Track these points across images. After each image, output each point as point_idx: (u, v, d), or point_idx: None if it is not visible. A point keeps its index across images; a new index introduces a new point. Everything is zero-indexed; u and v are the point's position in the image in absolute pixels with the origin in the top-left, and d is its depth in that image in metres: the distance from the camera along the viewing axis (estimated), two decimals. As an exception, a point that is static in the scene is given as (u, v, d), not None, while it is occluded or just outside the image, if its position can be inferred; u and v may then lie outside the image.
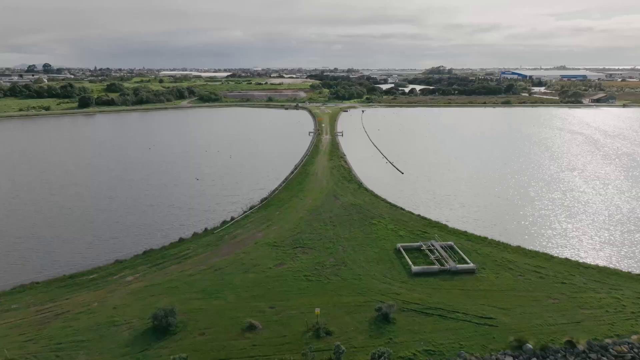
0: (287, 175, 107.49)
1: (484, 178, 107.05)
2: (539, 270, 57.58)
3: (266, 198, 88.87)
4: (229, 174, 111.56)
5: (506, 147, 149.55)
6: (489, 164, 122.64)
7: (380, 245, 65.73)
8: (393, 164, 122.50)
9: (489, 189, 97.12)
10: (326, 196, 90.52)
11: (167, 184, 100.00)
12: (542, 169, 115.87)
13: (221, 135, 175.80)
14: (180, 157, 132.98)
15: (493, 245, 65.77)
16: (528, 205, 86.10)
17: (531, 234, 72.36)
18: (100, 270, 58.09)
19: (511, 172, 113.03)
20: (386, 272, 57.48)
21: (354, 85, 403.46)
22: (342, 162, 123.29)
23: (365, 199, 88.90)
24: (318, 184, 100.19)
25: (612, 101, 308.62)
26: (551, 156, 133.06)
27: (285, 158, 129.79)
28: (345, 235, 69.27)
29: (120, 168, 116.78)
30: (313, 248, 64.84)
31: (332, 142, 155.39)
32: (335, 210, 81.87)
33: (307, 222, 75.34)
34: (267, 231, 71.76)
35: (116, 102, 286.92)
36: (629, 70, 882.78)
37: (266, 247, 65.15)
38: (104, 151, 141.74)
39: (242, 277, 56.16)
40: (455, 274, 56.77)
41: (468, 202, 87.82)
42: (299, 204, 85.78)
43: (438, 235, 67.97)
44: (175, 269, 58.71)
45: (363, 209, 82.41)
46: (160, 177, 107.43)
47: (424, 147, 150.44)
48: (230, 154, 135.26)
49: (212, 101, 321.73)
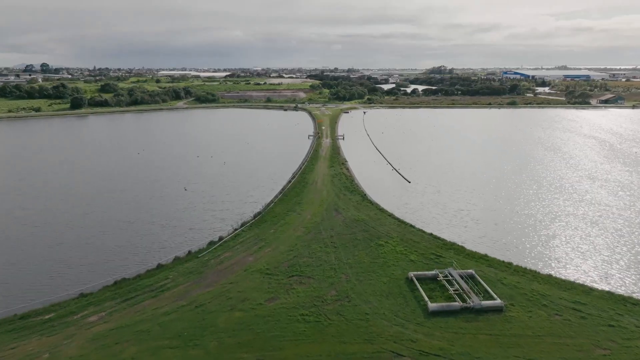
0: (284, 185, 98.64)
1: (498, 189, 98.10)
2: (578, 307, 48.71)
3: (260, 212, 79.99)
4: (221, 182, 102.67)
5: (517, 152, 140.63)
6: (501, 171, 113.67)
7: (390, 273, 56.85)
8: (399, 171, 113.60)
9: (506, 202, 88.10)
10: (326, 210, 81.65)
11: (152, 196, 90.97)
12: (561, 178, 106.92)
13: (216, 139, 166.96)
14: (171, 163, 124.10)
15: (519, 274, 56.87)
16: (552, 222, 77.00)
17: (561, 258, 63.41)
18: (59, 307, 49.17)
19: (527, 181, 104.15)
20: (398, 309, 48.61)
21: (355, 85, 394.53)
22: (344, 169, 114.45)
23: (370, 213, 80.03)
24: (318, 195, 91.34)
25: (620, 102, 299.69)
26: (567, 163, 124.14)
27: (282, 164, 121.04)
28: (349, 260, 60.43)
29: (102, 176, 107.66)
30: (311, 277, 55.99)
31: (333, 146, 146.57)
32: (337, 227, 73.02)
33: (304, 243, 66.49)
34: (259, 254, 62.91)
35: (110, 103, 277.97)
36: (631, 70, 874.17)
37: (257, 276, 56.29)
38: (88, 156, 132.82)
39: (227, 316, 47.30)
40: (480, 312, 47.91)
41: (484, 219, 78.88)
42: (297, 219, 76.92)
43: (455, 262, 59.06)
44: (149, 305, 49.83)
45: (368, 226, 73.54)
46: (145, 187, 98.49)
47: (429, 151, 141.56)
48: (225, 160, 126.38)
49: (209, 102, 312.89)
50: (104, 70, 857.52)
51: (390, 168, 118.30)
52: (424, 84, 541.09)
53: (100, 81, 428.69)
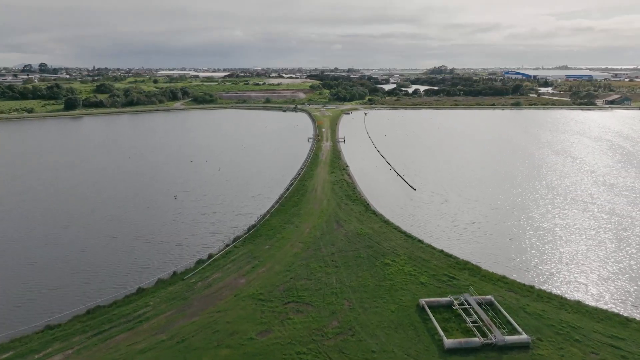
0: (282, 194, 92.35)
1: (509, 198, 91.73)
2: (616, 343, 42.45)
3: (254, 225, 73.66)
4: (214, 190, 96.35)
5: (527, 156, 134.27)
6: (512, 178, 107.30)
7: (398, 299, 50.56)
8: (404, 177, 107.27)
9: (520, 214, 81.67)
10: (327, 222, 75.38)
11: (138, 205, 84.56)
12: (576, 186, 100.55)
13: (212, 141, 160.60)
14: (162, 168, 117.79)
15: (544, 300, 50.53)
16: (573, 237, 70.42)
17: (588, 281, 57.05)
18: (20, 343, 42.85)
19: (541, 189, 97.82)
20: (409, 345, 42.36)
21: (356, 85, 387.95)
22: (345, 175, 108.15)
23: (374, 226, 73.74)
24: (317, 204, 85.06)
25: (627, 102, 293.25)
26: (581, 169, 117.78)
27: (280, 170, 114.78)
28: (352, 283, 54.16)
29: (87, 184, 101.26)
30: (310, 303, 49.72)
31: (334, 150, 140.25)
32: (338, 242, 66.76)
33: (302, 262, 60.22)
34: (252, 275, 56.64)
35: (105, 104, 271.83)
36: (633, 70, 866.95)
37: (249, 302, 50.01)
38: (75, 161, 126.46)
39: (212, 354, 41.07)
40: (504, 349, 41.67)
41: (497, 233, 72.51)
42: (294, 233, 70.66)
43: (472, 285, 52.76)
44: (123, 340, 43.55)
45: (372, 241, 67.28)
46: (133, 195, 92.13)
47: (434, 155, 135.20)
48: (220, 166, 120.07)
49: (206, 102, 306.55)
50: (103, 70, 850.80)
51: (394, 174, 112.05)
52: (425, 84, 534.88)
53: (97, 81, 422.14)
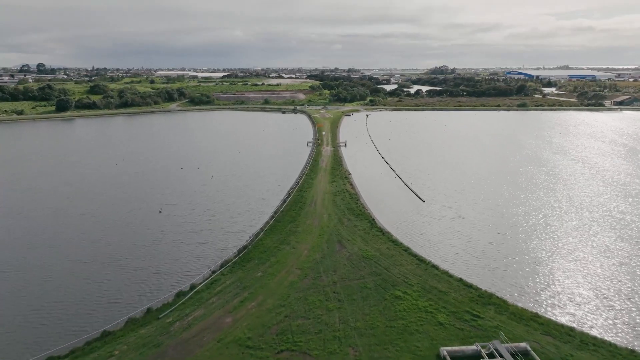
0: (278, 207, 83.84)
1: (530, 212, 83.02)
2: (689, 412, 33.96)
3: (246, 247, 65.18)
4: (204, 202, 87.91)
5: (541, 163, 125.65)
6: (528, 189, 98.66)
7: (413, 346, 42.07)
8: (411, 187, 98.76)
9: (543, 233, 72.70)
10: (328, 242, 66.91)
11: (117, 221, 75.76)
12: (601, 199, 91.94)
13: (206, 146, 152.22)
14: (151, 175, 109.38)
15: (590, 347, 41.99)
16: (613, 268, 60.61)
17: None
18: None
19: (564, 202, 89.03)
20: (431, 416, 33.87)
21: (356, 86, 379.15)
22: (347, 184, 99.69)
23: (381, 247, 65.26)
24: (317, 219, 76.59)
25: (637, 104, 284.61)
26: (602, 178, 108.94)
27: (277, 178, 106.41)
28: (358, 323, 45.66)
29: (64, 194, 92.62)
30: (308, 352, 41.26)
31: (334, 155, 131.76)
32: (341, 268, 58.30)
33: (300, 294, 51.74)
34: (240, 312, 48.14)
35: (98, 105, 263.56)
36: (635, 70, 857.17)
37: (234, 350, 41.56)
38: (57, 168, 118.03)
39: None
40: (550, 422, 33.21)
41: (520, 256, 63.83)
42: (291, 256, 62.21)
43: (501, 330, 44.20)
44: (75, 406, 35.11)
45: (380, 266, 58.82)
46: (113, 209, 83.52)
47: (442, 162, 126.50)
48: (212, 173, 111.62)
49: (203, 104, 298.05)
50: (102, 70, 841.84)
51: (400, 182, 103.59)
52: (426, 84, 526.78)
53: (93, 82, 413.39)
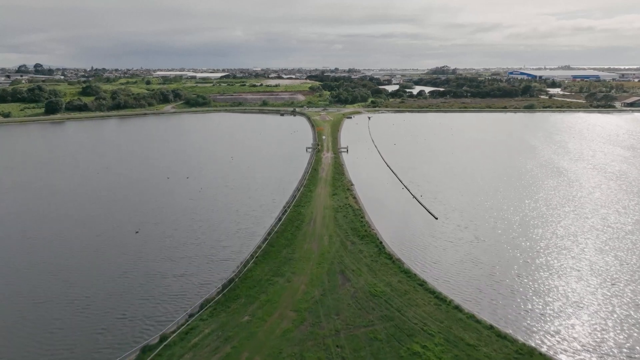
0: (271, 226, 73.86)
1: (558, 236, 73.21)
2: None
3: (232, 280, 55.22)
4: (188, 222, 77.87)
5: (561, 173, 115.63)
6: (552, 207, 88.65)
7: None
8: (421, 201, 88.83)
9: (580, 263, 62.96)
10: (329, 273, 56.99)
11: (85, 248, 65.39)
12: (634, 215, 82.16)
13: (198, 152, 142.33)
14: (134, 187, 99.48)
15: None
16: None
17: None
18: None
19: (597, 222, 79.00)
20: None
21: (357, 87, 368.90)
22: (350, 197, 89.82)
23: (392, 279, 55.32)
24: (316, 243, 66.69)
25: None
26: (628, 189, 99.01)
27: (273, 190, 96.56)
28: (367, 396, 35.74)
29: (31, 212, 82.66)
30: None
31: (336, 163, 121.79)
32: (345, 310, 48.37)
33: (294, 348, 41.79)
34: (219, 378, 38.22)
35: (90, 107, 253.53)
36: (637, 70, 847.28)
37: None
38: (34, 178, 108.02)
39: None
40: None
41: (558, 294, 53.71)
42: (285, 292, 52.29)
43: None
44: None
45: (391, 307, 48.88)
46: (85, 229, 73.44)
47: (452, 170, 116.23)
48: (202, 185, 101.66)
49: (199, 105, 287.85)
50: (100, 70, 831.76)
51: (409, 195, 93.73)
52: (428, 84, 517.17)
53: (88, 82, 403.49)
